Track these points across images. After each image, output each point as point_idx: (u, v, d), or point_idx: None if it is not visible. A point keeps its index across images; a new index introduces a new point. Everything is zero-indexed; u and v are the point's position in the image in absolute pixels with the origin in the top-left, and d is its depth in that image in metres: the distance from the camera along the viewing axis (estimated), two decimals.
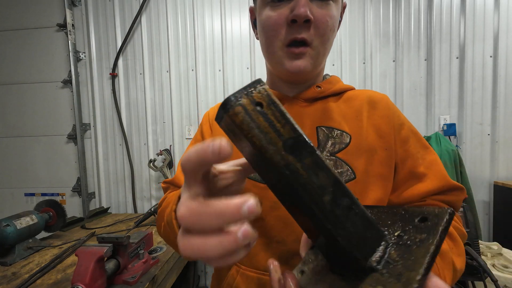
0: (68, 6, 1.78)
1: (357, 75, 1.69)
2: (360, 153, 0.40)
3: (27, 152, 1.90)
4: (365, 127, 0.41)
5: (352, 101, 0.44)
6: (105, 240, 0.73)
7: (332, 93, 0.45)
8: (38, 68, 1.86)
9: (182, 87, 1.79)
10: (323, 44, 0.39)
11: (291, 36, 0.37)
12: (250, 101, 0.18)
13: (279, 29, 0.37)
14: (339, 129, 0.40)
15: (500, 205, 1.54)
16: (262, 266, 0.38)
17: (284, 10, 0.37)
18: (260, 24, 0.40)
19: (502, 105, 1.57)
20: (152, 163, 1.73)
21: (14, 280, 0.82)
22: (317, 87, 0.44)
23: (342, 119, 0.42)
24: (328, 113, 0.42)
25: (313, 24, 0.36)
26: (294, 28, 0.37)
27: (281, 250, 0.37)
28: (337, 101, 0.44)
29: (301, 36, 0.37)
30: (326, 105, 0.43)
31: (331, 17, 0.37)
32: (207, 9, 1.75)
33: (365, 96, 0.45)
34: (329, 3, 0.37)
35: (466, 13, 1.59)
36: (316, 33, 0.37)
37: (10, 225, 0.95)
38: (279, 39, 0.38)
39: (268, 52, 0.41)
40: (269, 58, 0.42)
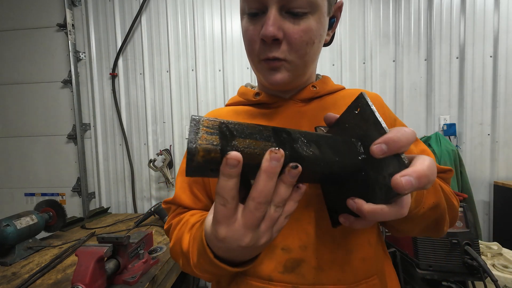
0: (68, 6, 1.78)
1: (357, 75, 1.69)
2: None
3: (27, 152, 1.90)
4: None
5: (347, 100, 0.43)
6: (105, 240, 0.73)
7: (327, 93, 0.45)
8: (38, 68, 1.86)
9: (182, 87, 1.79)
10: (300, 58, 0.37)
11: (264, 55, 0.37)
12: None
13: (254, 45, 0.37)
14: None
15: (500, 205, 1.54)
16: (266, 274, 0.36)
17: (257, 26, 0.36)
18: (242, 33, 0.40)
19: (502, 105, 1.57)
20: (152, 163, 1.73)
21: (14, 280, 0.82)
22: (313, 87, 0.44)
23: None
24: (325, 112, 0.40)
25: (285, 41, 0.35)
26: (266, 46, 0.36)
27: (286, 258, 0.36)
28: (333, 100, 0.44)
29: (272, 55, 0.36)
30: (323, 104, 0.43)
31: (306, 31, 0.35)
32: (207, 9, 1.75)
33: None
34: (305, 17, 0.35)
35: (466, 13, 1.59)
36: (290, 48, 0.36)
37: (10, 225, 0.95)
38: (255, 54, 0.38)
39: (250, 62, 0.42)
40: (253, 68, 0.43)
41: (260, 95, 0.45)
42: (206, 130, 0.22)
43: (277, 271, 0.35)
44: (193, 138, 0.21)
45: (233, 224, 0.24)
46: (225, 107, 0.50)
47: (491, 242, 1.17)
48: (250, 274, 0.37)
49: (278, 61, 0.37)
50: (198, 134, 0.22)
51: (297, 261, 0.35)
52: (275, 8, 0.34)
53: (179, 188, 0.45)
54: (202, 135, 0.22)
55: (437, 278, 0.97)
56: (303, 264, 0.35)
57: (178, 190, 0.45)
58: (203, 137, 0.21)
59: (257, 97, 0.45)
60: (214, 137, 0.22)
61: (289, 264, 0.35)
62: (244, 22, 0.38)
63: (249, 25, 0.37)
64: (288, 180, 0.23)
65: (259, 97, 0.44)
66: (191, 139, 0.21)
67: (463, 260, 0.93)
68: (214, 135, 0.22)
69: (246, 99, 0.46)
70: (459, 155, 1.49)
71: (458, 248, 0.95)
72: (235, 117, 0.45)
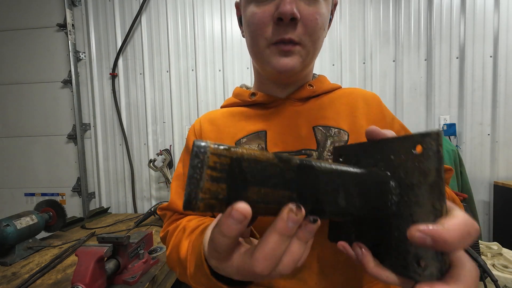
0: (68, 6, 1.78)
1: (357, 75, 1.69)
2: None
3: (27, 152, 1.90)
4: (361, 123, 0.41)
5: (344, 99, 0.43)
6: (105, 240, 0.73)
7: (324, 92, 0.44)
8: (38, 68, 1.86)
9: (182, 87, 1.79)
10: (313, 43, 0.36)
11: (278, 37, 0.35)
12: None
13: (265, 27, 0.35)
14: (336, 127, 0.40)
15: (500, 205, 1.54)
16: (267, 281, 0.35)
17: (269, 6, 0.34)
18: (245, 21, 0.38)
19: (502, 105, 1.57)
20: (152, 163, 1.73)
21: (14, 280, 0.82)
22: (310, 86, 0.43)
23: (337, 116, 0.41)
24: (322, 112, 0.41)
25: (300, 22, 0.34)
26: (280, 27, 0.34)
27: None
28: (329, 99, 0.43)
29: (288, 36, 0.34)
30: (320, 103, 0.42)
31: (320, 14, 0.35)
32: (207, 9, 1.75)
33: (358, 94, 0.44)
34: (318, 1, 0.35)
35: (466, 13, 1.59)
36: (305, 31, 0.35)
37: (10, 225, 0.95)
38: (265, 38, 0.36)
39: (254, 51, 0.39)
40: (256, 57, 0.40)
41: (256, 95, 0.43)
42: (211, 174, 0.17)
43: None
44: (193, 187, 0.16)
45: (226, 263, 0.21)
46: (220, 109, 0.49)
47: (491, 242, 1.17)
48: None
49: (292, 45, 0.35)
50: (200, 181, 0.16)
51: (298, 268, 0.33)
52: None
53: (174, 194, 0.44)
54: (205, 184, 0.16)
55: None
56: (305, 269, 0.34)
57: (173, 195, 0.44)
58: (206, 186, 0.16)
59: (253, 97, 0.43)
60: (220, 187, 0.17)
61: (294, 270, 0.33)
62: (251, 7, 0.36)
63: (256, 9, 0.35)
64: (304, 236, 0.19)
65: (255, 97, 0.43)
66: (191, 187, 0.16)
67: None
68: (221, 183, 0.17)
69: (241, 100, 0.45)
70: (459, 155, 1.49)
71: None
72: (230, 119, 0.44)
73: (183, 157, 0.47)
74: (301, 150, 0.38)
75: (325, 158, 0.38)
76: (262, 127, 0.40)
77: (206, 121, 0.45)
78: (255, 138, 0.40)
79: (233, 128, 0.42)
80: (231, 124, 0.43)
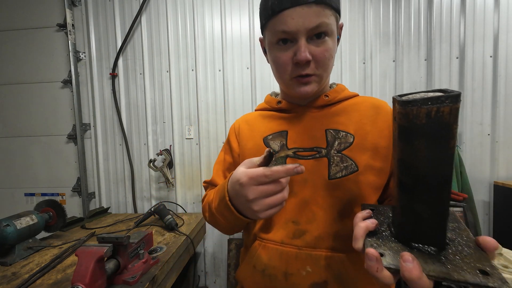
0: (68, 6, 1.78)
1: (357, 75, 1.69)
2: (363, 151, 0.48)
3: (27, 152, 1.90)
4: (369, 129, 0.49)
5: (356, 106, 0.53)
6: (105, 240, 0.73)
7: (339, 100, 0.53)
8: (38, 68, 1.86)
9: (182, 87, 1.79)
10: (324, 71, 0.48)
11: (297, 73, 0.46)
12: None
13: (287, 67, 0.46)
14: (344, 131, 0.49)
15: (500, 205, 1.54)
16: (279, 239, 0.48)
17: (289, 52, 0.45)
18: (272, 60, 0.50)
19: (502, 105, 1.57)
20: (152, 163, 1.73)
21: (14, 280, 0.82)
22: (325, 96, 0.53)
23: (347, 122, 0.50)
24: (335, 118, 0.51)
25: (313, 60, 0.45)
26: (299, 67, 0.46)
27: (295, 229, 0.47)
28: (343, 107, 0.53)
29: (304, 72, 0.46)
30: (333, 111, 0.52)
31: (328, 50, 0.45)
32: (207, 9, 1.75)
33: (369, 103, 0.53)
34: (325, 40, 0.44)
35: (466, 13, 1.59)
36: (317, 66, 0.46)
37: (10, 225, 0.95)
38: (288, 74, 0.47)
39: (281, 81, 0.51)
40: (282, 84, 0.52)
41: (281, 103, 0.56)
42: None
43: (288, 237, 0.47)
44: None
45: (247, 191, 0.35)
46: (254, 111, 0.62)
47: None
48: (267, 238, 0.49)
49: (309, 77, 0.46)
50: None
51: (303, 231, 0.47)
52: (304, 38, 0.43)
53: (215, 173, 0.59)
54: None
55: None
56: (307, 233, 0.46)
57: (215, 175, 0.59)
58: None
59: (279, 104, 0.56)
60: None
61: (297, 233, 0.47)
62: (275, 52, 0.47)
63: (280, 54, 0.46)
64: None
65: (281, 105, 0.56)
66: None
67: None
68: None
69: (270, 106, 0.58)
70: (459, 155, 1.49)
71: None
72: (261, 120, 0.57)
73: (225, 147, 0.62)
74: (313, 147, 0.49)
75: (332, 155, 0.48)
76: (285, 127, 0.52)
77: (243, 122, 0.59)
78: (279, 136, 0.51)
79: (263, 127, 0.55)
80: (261, 124, 0.55)
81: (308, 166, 0.47)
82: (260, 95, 1.75)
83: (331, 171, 0.47)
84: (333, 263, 0.44)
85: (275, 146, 0.50)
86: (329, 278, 0.43)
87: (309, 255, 0.45)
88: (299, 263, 0.45)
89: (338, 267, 0.43)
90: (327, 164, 0.47)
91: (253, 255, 0.49)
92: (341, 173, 0.46)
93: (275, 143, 0.50)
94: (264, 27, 0.48)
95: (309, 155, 0.48)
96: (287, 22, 0.41)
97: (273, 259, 0.46)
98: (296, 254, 0.45)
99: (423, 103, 0.23)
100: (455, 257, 0.27)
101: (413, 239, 0.29)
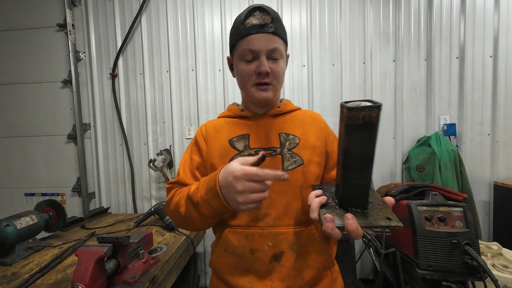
0: (68, 6, 1.79)
1: (357, 75, 1.69)
2: (306, 149, 0.61)
3: (27, 152, 1.90)
4: (309, 133, 0.64)
5: (300, 117, 0.67)
6: (105, 240, 0.73)
7: (287, 111, 0.67)
8: (38, 68, 1.87)
9: (182, 87, 1.79)
10: (278, 83, 0.61)
11: (258, 81, 0.58)
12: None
13: (251, 76, 0.58)
14: (292, 134, 0.63)
15: (500, 205, 1.54)
16: (245, 223, 0.58)
17: (253, 65, 0.57)
18: (238, 71, 0.60)
19: (502, 105, 1.57)
20: (152, 163, 1.73)
21: (14, 280, 0.82)
22: (278, 107, 0.66)
23: (294, 128, 0.64)
24: (285, 124, 0.64)
25: (270, 73, 0.57)
26: (260, 77, 0.58)
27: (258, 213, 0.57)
28: (290, 116, 0.67)
29: (264, 81, 0.58)
30: (284, 119, 0.66)
31: (281, 68, 0.59)
32: (207, 9, 1.75)
33: (308, 115, 0.69)
34: (278, 60, 0.59)
35: (466, 13, 1.59)
36: (273, 77, 0.59)
37: (10, 225, 0.95)
38: (251, 82, 0.59)
39: (244, 89, 0.61)
40: (245, 92, 0.62)
41: (243, 111, 0.66)
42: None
43: (252, 221, 0.57)
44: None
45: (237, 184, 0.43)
46: (218, 118, 0.70)
47: (491, 242, 1.17)
48: (236, 224, 0.58)
49: (267, 85, 0.59)
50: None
51: (264, 214, 0.57)
52: (264, 56, 0.56)
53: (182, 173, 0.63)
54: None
55: (437, 278, 0.97)
56: (268, 216, 0.57)
57: (182, 174, 0.62)
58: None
59: (241, 112, 0.66)
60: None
61: (260, 216, 0.57)
62: (242, 65, 0.59)
63: (246, 66, 0.58)
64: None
65: (243, 112, 0.66)
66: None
67: (463, 260, 0.93)
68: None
69: (233, 113, 0.67)
70: (459, 155, 1.49)
71: (458, 248, 0.95)
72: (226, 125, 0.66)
73: (191, 148, 0.67)
74: (270, 147, 0.61)
75: (284, 153, 0.60)
76: (247, 131, 0.63)
77: (209, 126, 0.67)
78: (242, 138, 0.62)
79: (228, 131, 0.64)
80: (226, 129, 0.65)
81: (267, 162, 0.57)
82: None
83: (284, 165, 0.59)
84: (288, 237, 0.56)
85: (239, 146, 0.61)
86: (285, 248, 0.56)
87: (270, 232, 0.56)
88: (262, 240, 0.56)
89: (292, 239, 0.56)
90: (281, 160, 0.60)
91: (224, 241, 0.58)
92: (292, 166, 0.59)
93: (240, 144, 0.61)
94: (234, 47, 0.60)
95: (267, 153, 0.60)
96: (253, 43, 0.55)
97: (241, 240, 0.57)
98: (260, 234, 0.56)
99: (362, 110, 0.34)
100: (373, 212, 0.41)
101: (350, 205, 0.42)
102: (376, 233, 1.01)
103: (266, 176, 0.41)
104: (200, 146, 0.64)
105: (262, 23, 0.54)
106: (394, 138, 1.69)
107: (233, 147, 0.60)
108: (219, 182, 0.46)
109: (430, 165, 1.49)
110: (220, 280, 0.61)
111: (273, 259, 0.55)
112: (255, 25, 0.54)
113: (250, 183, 0.42)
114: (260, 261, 0.55)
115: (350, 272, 1.40)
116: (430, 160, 1.49)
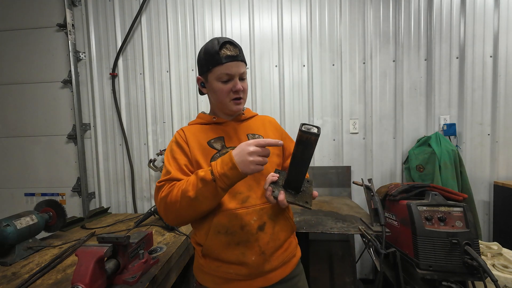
0: (68, 6, 1.79)
1: (357, 75, 1.69)
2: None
3: (27, 152, 1.90)
4: (268, 133, 0.82)
5: (259, 121, 0.85)
6: (105, 240, 0.73)
7: (249, 117, 0.84)
8: (38, 68, 1.87)
9: (182, 87, 1.79)
10: (246, 96, 0.77)
11: (235, 97, 0.73)
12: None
13: (228, 93, 0.73)
14: (257, 134, 0.79)
15: (500, 205, 1.54)
16: (234, 207, 0.69)
17: (229, 85, 0.72)
18: (215, 89, 0.73)
19: (502, 105, 1.57)
20: (152, 163, 1.73)
21: (14, 280, 0.82)
22: (243, 114, 0.82)
23: (257, 129, 0.81)
24: (250, 127, 0.81)
25: (242, 90, 0.73)
26: (236, 94, 0.73)
27: (242, 197, 0.70)
28: (252, 121, 0.83)
29: (238, 96, 0.73)
30: (248, 123, 0.82)
31: (247, 86, 0.76)
32: (207, 9, 1.75)
33: (266, 119, 0.87)
34: (245, 80, 0.75)
35: (466, 13, 1.59)
36: (243, 93, 0.75)
37: (10, 225, 0.95)
38: (229, 97, 0.73)
39: (223, 103, 0.75)
40: (223, 105, 0.75)
41: (215, 118, 0.79)
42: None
43: (238, 204, 0.70)
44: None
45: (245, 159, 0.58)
46: (191, 125, 0.82)
47: (491, 242, 1.17)
48: (225, 209, 0.69)
49: (240, 99, 0.74)
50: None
51: (247, 196, 0.71)
52: (237, 78, 0.72)
53: (173, 171, 0.70)
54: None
55: (437, 278, 0.97)
56: (250, 198, 0.71)
57: (174, 172, 0.70)
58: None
59: (214, 119, 0.79)
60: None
61: (244, 199, 0.71)
62: (219, 85, 0.72)
63: (224, 86, 0.72)
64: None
65: (215, 119, 0.79)
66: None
67: (463, 260, 0.93)
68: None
69: (206, 120, 0.80)
70: (459, 155, 1.49)
71: (458, 248, 0.95)
72: (201, 130, 0.78)
73: (175, 150, 0.76)
74: None
75: None
76: (221, 134, 0.77)
77: (187, 131, 0.78)
78: (218, 139, 0.76)
79: (204, 135, 0.76)
80: (203, 132, 0.77)
81: None
82: (260, 95, 1.75)
83: None
84: (267, 210, 0.72)
85: (217, 146, 0.74)
86: (266, 220, 0.71)
87: (254, 210, 0.70)
88: (249, 217, 0.69)
89: (269, 212, 0.72)
90: None
91: (216, 225, 0.69)
92: None
93: (217, 144, 0.74)
94: (209, 71, 0.73)
95: None
96: (230, 69, 0.71)
97: (232, 220, 0.69)
98: (246, 212, 0.70)
99: (308, 133, 0.52)
100: (300, 196, 0.62)
101: (289, 187, 0.62)
102: (376, 233, 1.01)
103: (268, 142, 0.58)
104: (184, 147, 0.75)
105: (234, 55, 0.71)
106: (394, 138, 1.69)
107: (212, 147, 0.74)
108: (234, 156, 0.59)
109: (430, 165, 1.49)
110: (213, 260, 0.71)
111: (259, 229, 0.70)
112: (229, 55, 0.70)
113: (257, 148, 0.58)
114: (249, 233, 0.68)
115: (350, 272, 1.40)
116: (430, 160, 1.49)
